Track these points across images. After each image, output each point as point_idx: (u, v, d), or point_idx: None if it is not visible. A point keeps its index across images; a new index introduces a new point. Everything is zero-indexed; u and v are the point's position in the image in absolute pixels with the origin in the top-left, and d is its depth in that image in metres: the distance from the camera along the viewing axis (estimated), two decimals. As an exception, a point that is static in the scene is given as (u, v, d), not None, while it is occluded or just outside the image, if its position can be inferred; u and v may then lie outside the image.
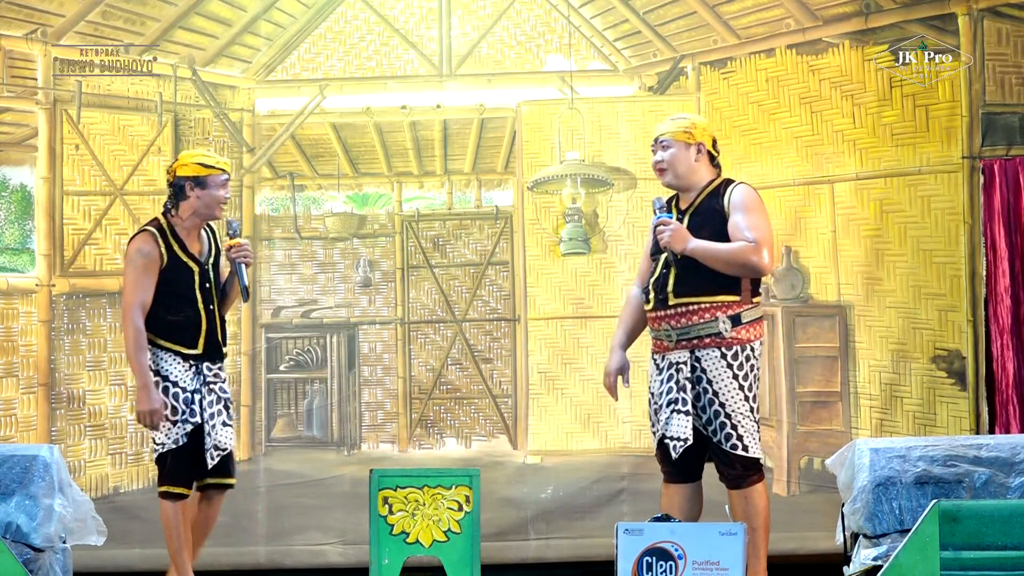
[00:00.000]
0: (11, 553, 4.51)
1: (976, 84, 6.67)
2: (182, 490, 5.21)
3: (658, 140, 5.21)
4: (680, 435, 5.02)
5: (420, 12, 7.04)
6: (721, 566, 4.59)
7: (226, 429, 5.26)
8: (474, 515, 5.51)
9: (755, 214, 5.08)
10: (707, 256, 5.00)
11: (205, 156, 5.34)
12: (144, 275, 5.18)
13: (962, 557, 4.37)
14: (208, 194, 5.25)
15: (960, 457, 4.74)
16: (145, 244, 5.20)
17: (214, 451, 5.20)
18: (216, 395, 5.26)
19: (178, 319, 5.22)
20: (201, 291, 5.26)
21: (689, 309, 5.03)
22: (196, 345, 5.24)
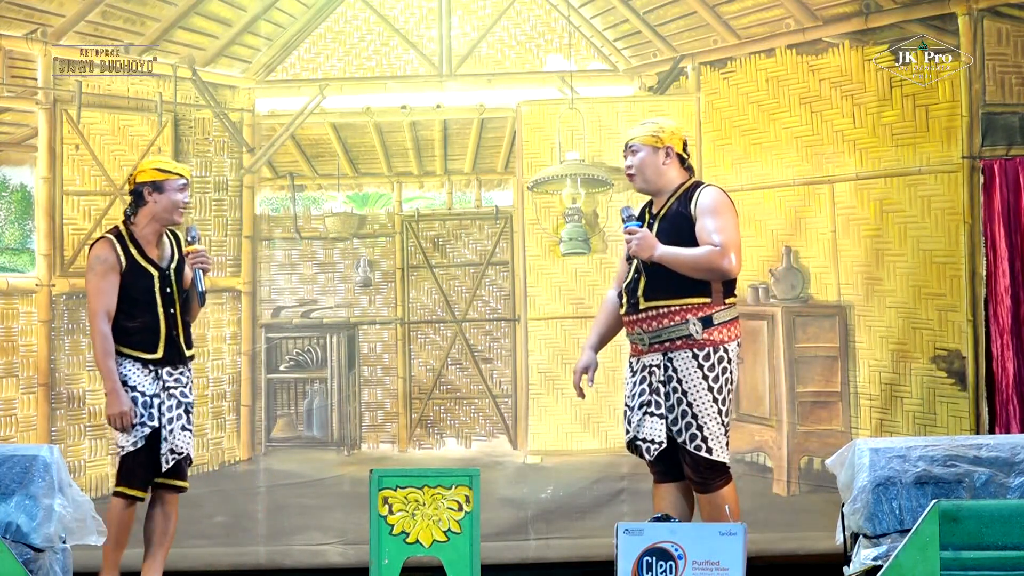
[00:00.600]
0: (11, 553, 4.50)
1: (976, 84, 6.68)
2: (137, 493, 5.35)
3: (628, 145, 5.22)
4: (653, 438, 5.05)
5: (420, 12, 7.04)
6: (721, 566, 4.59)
7: (184, 434, 5.36)
8: (474, 515, 5.51)
9: (722, 217, 5.09)
10: (674, 262, 5.03)
11: (163, 162, 5.47)
12: (104, 281, 5.30)
13: (962, 557, 4.37)
14: (166, 198, 5.33)
15: (960, 457, 4.74)
16: (102, 251, 5.33)
17: (170, 455, 5.32)
18: (176, 399, 5.35)
19: (136, 324, 5.32)
20: (161, 296, 5.35)
21: (659, 312, 5.05)
22: (155, 350, 5.33)
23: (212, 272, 6.84)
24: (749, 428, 6.83)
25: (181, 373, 5.39)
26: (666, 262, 5.02)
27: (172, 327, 5.35)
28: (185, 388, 5.39)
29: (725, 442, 5.09)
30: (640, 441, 5.08)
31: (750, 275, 6.86)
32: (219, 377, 6.89)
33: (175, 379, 5.37)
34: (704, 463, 5.06)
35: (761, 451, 6.83)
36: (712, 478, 5.08)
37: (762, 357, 6.82)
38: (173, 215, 5.36)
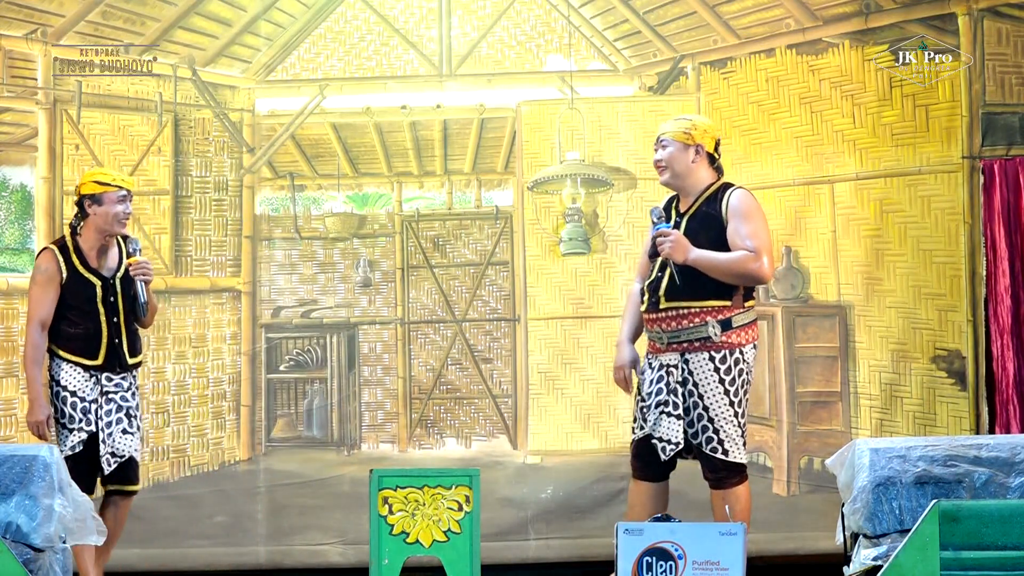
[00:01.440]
0: (11, 553, 4.50)
1: (976, 84, 6.67)
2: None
3: (659, 139, 5.24)
4: (671, 438, 5.07)
5: (420, 12, 7.04)
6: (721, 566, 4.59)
7: (126, 437, 5.44)
8: (474, 515, 5.51)
9: (754, 221, 5.10)
10: (708, 266, 5.03)
11: (102, 174, 5.55)
12: (43, 291, 5.46)
13: (962, 557, 4.37)
14: (104, 210, 5.44)
15: (960, 457, 4.74)
16: (43, 261, 5.49)
17: (110, 457, 5.41)
18: (116, 404, 5.45)
19: (78, 331, 5.44)
20: (104, 304, 5.45)
21: (679, 313, 5.06)
22: (96, 356, 5.45)
23: (212, 272, 6.88)
24: (749, 428, 6.77)
25: (123, 379, 5.49)
26: (700, 266, 5.03)
27: (114, 335, 5.46)
28: (127, 392, 5.49)
29: (742, 443, 5.13)
30: (656, 440, 5.10)
31: (750, 275, 6.86)
32: (219, 377, 6.89)
33: (115, 384, 5.47)
34: (720, 464, 5.10)
35: (761, 451, 6.83)
36: (728, 476, 5.12)
37: (762, 357, 6.82)
38: (113, 226, 5.46)
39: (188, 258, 6.91)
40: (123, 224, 5.49)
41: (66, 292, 5.45)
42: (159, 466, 6.82)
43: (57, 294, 5.44)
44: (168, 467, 6.83)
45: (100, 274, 5.48)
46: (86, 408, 5.41)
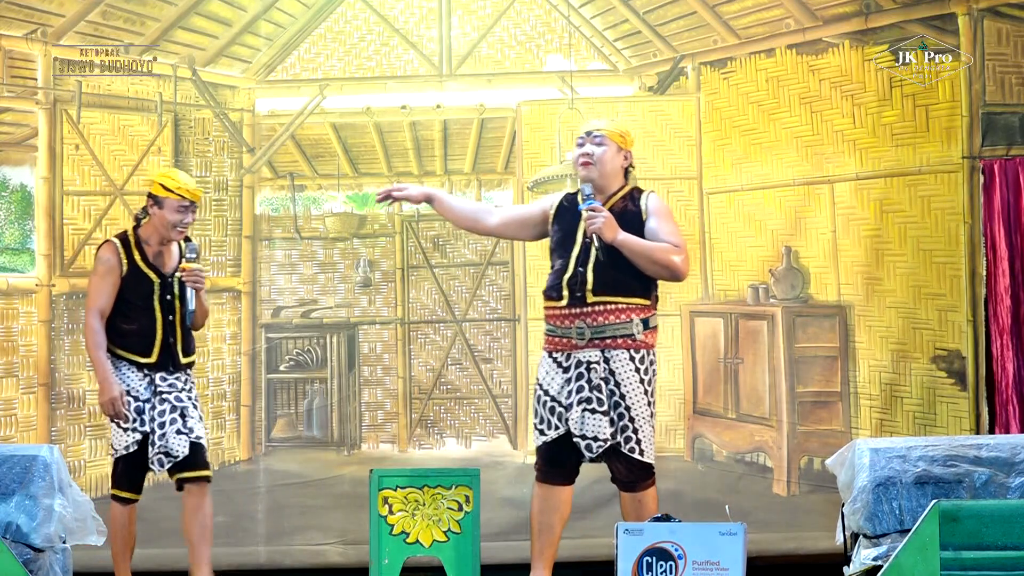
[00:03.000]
0: (11, 553, 4.50)
1: (976, 84, 6.67)
2: (129, 495, 5.42)
3: (590, 134, 5.21)
4: (598, 435, 5.04)
5: (420, 12, 7.04)
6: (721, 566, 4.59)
7: (180, 437, 5.37)
8: (474, 515, 5.51)
9: (672, 223, 5.19)
10: (634, 250, 5.04)
11: (170, 179, 5.43)
12: (102, 281, 5.39)
13: (962, 557, 4.37)
14: (162, 215, 5.38)
15: (960, 457, 4.74)
16: (105, 252, 5.41)
17: (164, 458, 5.36)
18: (170, 404, 5.39)
19: (132, 327, 5.38)
20: (161, 302, 5.40)
21: (607, 308, 5.06)
22: (150, 354, 5.39)
23: (213, 272, 6.88)
24: (749, 428, 6.83)
25: (177, 378, 5.43)
26: (626, 247, 5.03)
27: (169, 333, 5.41)
28: (180, 392, 5.42)
29: (653, 443, 5.14)
30: (580, 438, 5.05)
31: (750, 275, 6.87)
32: (219, 377, 6.89)
33: (169, 384, 5.41)
34: (637, 465, 5.09)
35: (761, 451, 6.83)
36: (641, 479, 5.12)
37: (762, 357, 6.82)
38: (169, 233, 5.40)
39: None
40: (180, 234, 5.41)
41: (124, 286, 5.37)
42: (159, 466, 6.82)
43: (116, 286, 5.36)
44: (168, 467, 6.82)
45: (159, 271, 5.42)
46: (140, 408, 5.36)
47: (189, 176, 5.56)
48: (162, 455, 5.35)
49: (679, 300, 6.90)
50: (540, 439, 5.16)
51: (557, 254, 5.19)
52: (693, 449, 6.90)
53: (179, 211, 5.36)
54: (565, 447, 5.11)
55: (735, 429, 6.84)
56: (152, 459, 5.36)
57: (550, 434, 5.13)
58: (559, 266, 5.15)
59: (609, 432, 5.04)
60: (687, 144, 6.96)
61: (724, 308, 6.90)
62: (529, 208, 5.50)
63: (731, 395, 6.87)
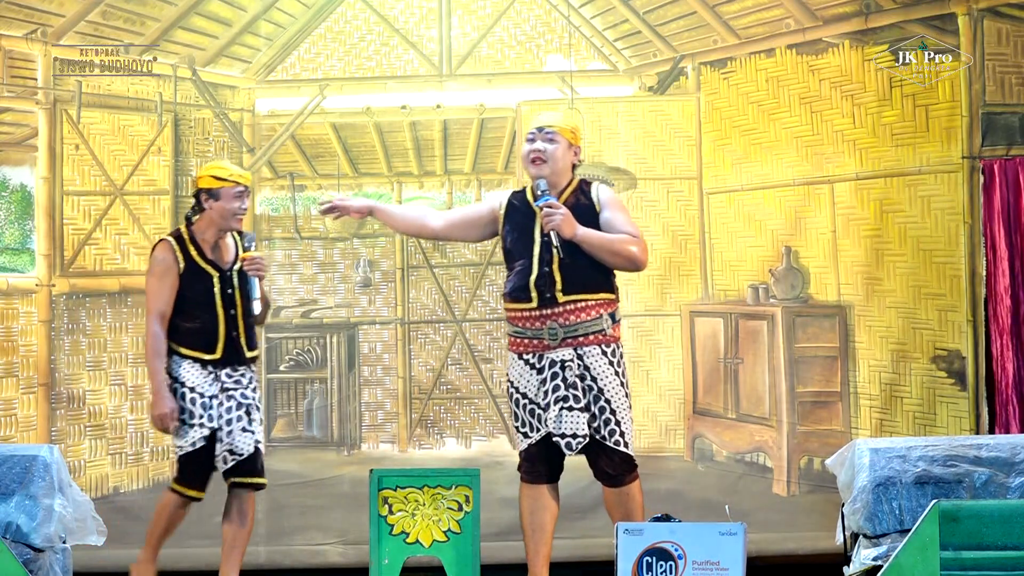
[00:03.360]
0: (11, 553, 4.51)
1: (976, 84, 6.67)
2: (193, 493, 5.38)
3: (542, 129, 5.18)
4: (576, 431, 5.03)
5: (420, 12, 7.04)
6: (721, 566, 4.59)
7: (245, 435, 5.36)
8: (474, 515, 5.51)
9: (626, 212, 5.19)
10: (595, 244, 5.03)
11: (220, 168, 5.42)
12: (160, 282, 5.33)
13: (962, 557, 4.37)
14: (220, 206, 5.33)
15: (960, 457, 4.74)
16: (160, 252, 5.35)
17: (228, 455, 5.33)
18: (236, 401, 5.35)
19: (195, 325, 5.33)
20: (222, 297, 5.35)
21: (578, 307, 5.05)
22: (214, 350, 5.34)
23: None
24: (749, 428, 6.83)
25: (241, 375, 5.39)
26: (586, 242, 5.02)
27: (232, 328, 5.35)
28: (246, 389, 5.39)
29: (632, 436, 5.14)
30: (559, 437, 5.04)
31: (750, 275, 6.87)
32: (219, 377, 6.89)
33: (235, 380, 5.37)
34: (621, 457, 5.08)
35: (761, 451, 6.83)
36: (626, 472, 5.12)
37: (762, 357, 6.82)
38: (230, 222, 5.36)
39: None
40: (239, 221, 5.37)
41: (183, 284, 5.33)
42: (159, 466, 6.83)
43: (175, 286, 5.31)
44: (168, 467, 6.82)
45: (217, 266, 5.38)
46: (206, 404, 5.30)
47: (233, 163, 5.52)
48: (226, 453, 5.32)
49: (679, 300, 6.90)
50: (524, 441, 5.16)
51: (515, 255, 5.14)
52: (693, 449, 6.90)
53: (236, 197, 5.33)
54: (548, 446, 5.11)
55: (735, 429, 6.84)
56: (218, 456, 5.33)
57: (533, 436, 5.13)
58: (521, 267, 5.10)
59: (587, 428, 5.03)
60: (687, 144, 6.96)
61: (724, 308, 6.90)
62: (476, 208, 5.47)
63: (731, 395, 6.87)
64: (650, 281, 6.75)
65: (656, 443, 6.87)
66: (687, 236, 6.94)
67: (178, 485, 5.37)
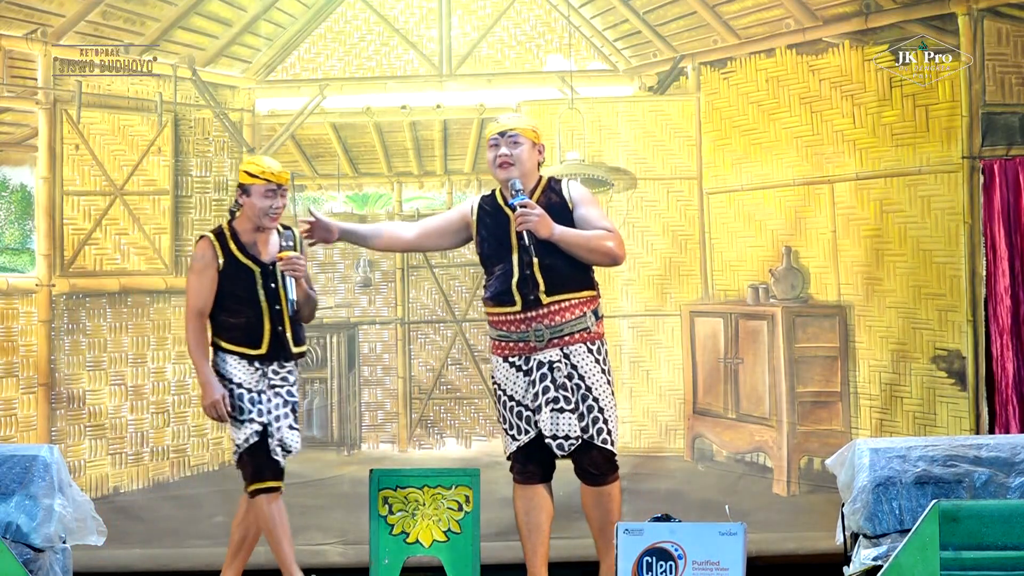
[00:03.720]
0: (11, 553, 4.51)
1: (976, 84, 6.67)
2: (271, 484, 5.23)
3: (505, 134, 5.18)
4: (568, 433, 5.02)
5: (420, 12, 7.04)
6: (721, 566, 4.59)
7: (292, 432, 5.28)
8: (474, 515, 5.51)
9: (599, 207, 5.24)
10: (572, 242, 5.04)
11: (253, 164, 5.31)
12: (199, 279, 5.26)
13: (962, 557, 4.37)
14: (251, 203, 5.25)
15: (960, 457, 4.74)
16: (200, 249, 5.29)
17: (280, 450, 5.23)
18: (282, 398, 5.28)
19: (239, 321, 5.25)
20: (265, 292, 5.26)
21: (562, 307, 5.06)
22: (259, 346, 5.25)
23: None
24: (749, 428, 6.83)
25: (289, 372, 5.31)
26: (564, 241, 5.02)
27: (277, 323, 5.26)
28: (292, 387, 5.31)
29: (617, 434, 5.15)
30: (551, 439, 5.03)
31: (750, 275, 6.87)
32: (219, 377, 6.88)
33: (281, 377, 5.29)
34: (606, 456, 5.09)
35: (761, 451, 6.83)
36: (609, 471, 5.13)
37: (762, 357, 6.82)
38: (261, 220, 5.26)
39: (188, 258, 6.90)
40: (272, 219, 5.25)
41: (224, 280, 5.24)
42: (159, 466, 6.82)
43: (215, 282, 5.23)
44: (168, 467, 6.83)
45: (259, 260, 5.27)
46: (255, 399, 5.21)
47: (274, 160, 5.39)
48: (278, 447, 5.23)
49: (679, 300, 6.90)
50: (513, 444, 5.14)
51: (494, 259, 5.14)
52: (693, 449, 6.90)
53: (267, 196, 5.22)
54: (539, 448, 5.10)
55: (735, 429, 6.84)
56: (272, 450, 5.23)
57: (522, 439, 5.12)
58: (501, 271, 5.09)
59: (579, 429, 5.03)
60: (687, 144, 6.96)
61: (724, 308, 6.90)
62: (447, 216, 5.42)
63: (731, 395, 6.87)
64: (650, 281, 6.75)
65: (656, 443, 6.87)
66: (687, 236, 6.95)
67: (255, 484, 5.23)
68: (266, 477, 5.22)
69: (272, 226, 5.29)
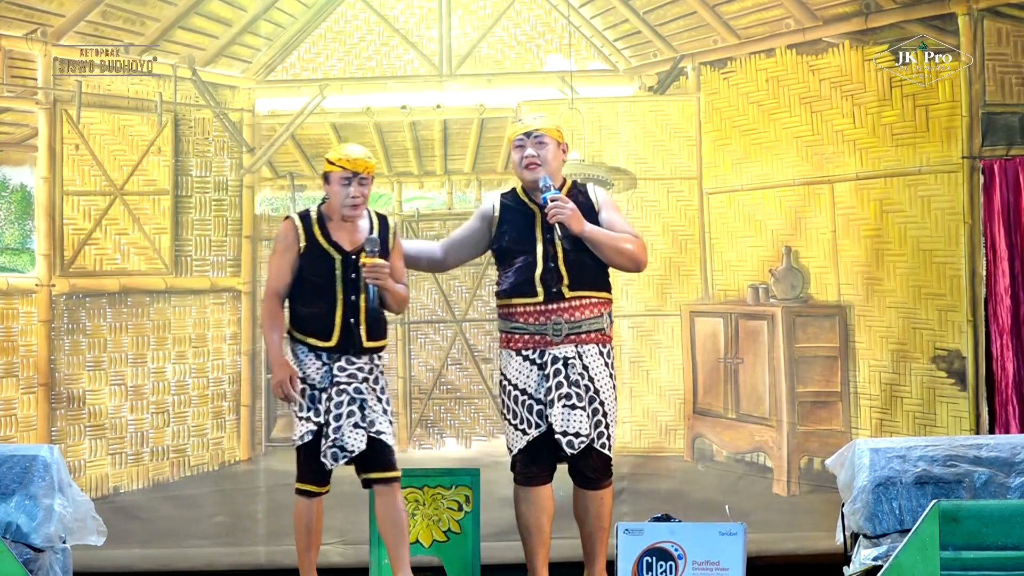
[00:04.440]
0: (11, 553, 4.51)
1: (976, 84, 6.68)
2: (309, 487, 5.11)
3: (531, 135, 5.20)
4: (579, 430, 5.02)
5: (420, 12, 7.04)
6: (721, 566, 4.59)
7: (357, 431, 5.04)
8: (474, 515, 5.51)
9: (622, 215, 5.28)
10: (602, 241, 5.07)
11: (334, 151, 5.21)
12: (280, 260, 5.16)
13: (962, 557, 4.38)
14: (330, 191, 5.16)
15: (960, 457, 4.74)
16: (283, 230, 5.19)
17: (339, 452, 5.04)
18: (348, 395, 5.06)
19: (313, 310, 5.10)
20: (343, 280, 5.10)
21: (583, 303, 5.08)
22: (329, 337, 5.07)
23: (212, 272, 6.89)
24: (749, 428, 6.83)
25: (359, 367, 5.10)
26: (593, 238, 5.06)
27: (350, 314, 5.07)
28: (361, 383, 5.07)
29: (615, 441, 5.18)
30: (562, 435, 5.01)
31: (750, 275, 6.87)
32: (219, 377, 6.89)
33: (348, 374, 5.07)
34: (605, 461, 5.09)
35: (761, 451, 6.84)
36: (604, 476, 5.13)
37: (762, 357, 6.82)
38: (340, 209, 5.12)
39: (188, 258, 6.91)
40: (352, 208, 5.09)
41: (304, 264, 5.09)
42: (159, 466, 6.82)
43: (294, 264, 5.10)
44: (168, 467, 6.83)
45: (341, 248, 5.10)
46: (315, 397, 5.05)
47: (358, 148, 5.24)
48: (336, 449, 5.01)
49: (679, 300, 6.90)
50: (523, 439, 5.11)
51: (514, 252, 5.14)
52: (693, 449, 6.90)
53: (342, 183, 5.09)
54: (545, 445, 5.09)
55: (735, 429, 6.84)
56: (325, 452, 5.02)
57: (532, 433, 5.09)
58: (523, 263, 5.10)
59: (589, 428, 5.03)
60: (687, 144, 6.96)
61: (724, 308, 6.90)
62: (470, 225, 5.37)
63: (731, 395, 6.87)
64: (650, 281, 6.75)
65: (656, 443, 6.87)
66: (687, 236, 6.94)
67: (297, 483, 5.12)
68: (306, 480, 5.09)
69: (352, 215, 5.14)
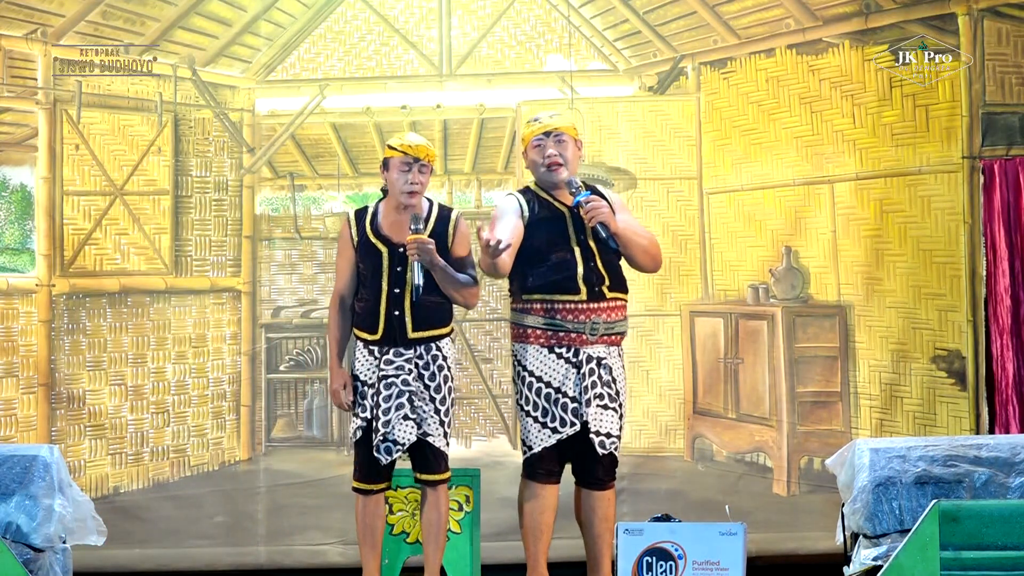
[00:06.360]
0: (11, 553, 4.51)
1: (976, 84, 6.68)
2: (363, 485, 5.12)
3: (550, 134, 5.19)
4: (611, 431, 5.02)
5: (420, 12, 7.04)
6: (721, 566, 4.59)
7: (406, 423, 5.03)
8: (474, 515, 5.51)
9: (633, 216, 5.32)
10: (633, 237, 5.10)
11: (396, 138, 5.21)
12: (341, 260, 5.22)
13: (962, 557, 4.38)
14: (390, 177, 5.15)
15: (960, 457, 4.74)
16: (341, 229, 5.23)
17: (392, 446, 5.04)
18: (396, 388, 5.05)
19: (362, 304, 5.13)
20: (389, 273, 5.09)
21: (618, 304, 5.12)
22: (375, 330, 5.09)
23: (212, 272, 6.89)
24: (749, 428, 6.83)
25: (406, 360, 5.08)
26: (625, 235, 5.07)
27: (394, 307, 5.05)
28: (408, 375, 5.05)
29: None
30: (595, 434, 5.01)
31: (750, 275, 6.87)
32: (219, 377, 6.89)
33: (396, 367, 5.06)
34: (612, 462, 5.10)
35: (761, 451, 6.84)
36: (610, 478, 5.15)
37: (762, 357, 6.82)
38: (399, 196, 5.10)
39: (188, 258, 6.91)
40: (410, 197, 5.08)
41: (358, 259, 5.12)
42: (159, 466, 6.82)
43: (352, 262, 5.13)
44: (168, 467, 6.83)
45: (389, 241, 5.10)
46: (363, 393, 5.09)
47: (419, 136, 5.25)
48: (388, 443, 5.03)
49: (679, 300, 6.90)
50: (552, 437, 5.06)
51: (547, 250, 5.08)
52: (693, 449, 6.90)
53: (402, 169, 5.09)
54: (571, 445, 5.09)
55: (735, 429, 6.84)
56: (377, 447, 5.03)
57: (566, 431, 5.04)
58: (559, 261, 5.06)
59: (618, 429, 5.05)
60: (687, 144, 6.96)
61: (724, 308, 6.90)
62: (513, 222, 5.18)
63: (731, 395, 6.87)
64: (650, 281, 6.75)
65: (656, 443, 6.87)
66: (687, 236, 6.95)
67: (353, 481, 5.14)
68: (358, 476, 5.11)
69: (410, 202, 5.12)
